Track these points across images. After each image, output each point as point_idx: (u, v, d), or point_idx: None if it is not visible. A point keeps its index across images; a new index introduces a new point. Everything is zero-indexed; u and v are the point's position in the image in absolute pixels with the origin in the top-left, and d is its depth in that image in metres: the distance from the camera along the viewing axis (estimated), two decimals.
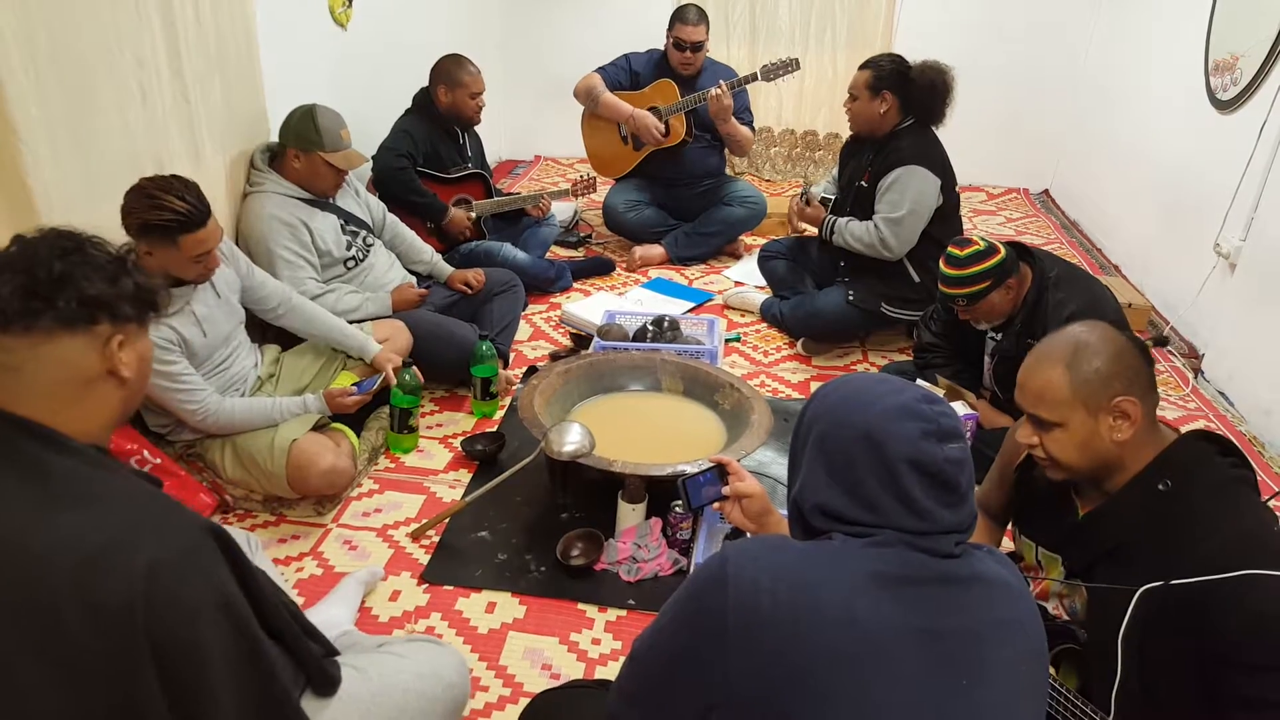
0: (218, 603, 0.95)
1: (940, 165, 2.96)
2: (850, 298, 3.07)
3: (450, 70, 3.30)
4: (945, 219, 2.98)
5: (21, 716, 0.88)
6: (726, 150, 4.06)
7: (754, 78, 3.66)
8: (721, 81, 3.62)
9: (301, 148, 2.53)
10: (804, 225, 3.26)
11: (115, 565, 0.89)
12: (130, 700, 0.89)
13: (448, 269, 3.06)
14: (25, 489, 0.92)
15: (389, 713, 1.28)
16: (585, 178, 3.90)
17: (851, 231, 3.05)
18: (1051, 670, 1.37)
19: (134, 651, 0.88)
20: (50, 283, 0.97)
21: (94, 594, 0.87)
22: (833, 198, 3.30)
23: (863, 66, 2.98)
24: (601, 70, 3.87)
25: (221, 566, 0.98)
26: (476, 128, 3.55)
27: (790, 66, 3.66)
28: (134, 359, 1.04)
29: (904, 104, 2.95)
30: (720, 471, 1.47)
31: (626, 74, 3.87)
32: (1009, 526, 1.72)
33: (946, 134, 3.01)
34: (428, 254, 3.06)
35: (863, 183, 3.05)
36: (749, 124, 3.86)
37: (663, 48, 3.83)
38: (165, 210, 1.88)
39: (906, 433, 0.97)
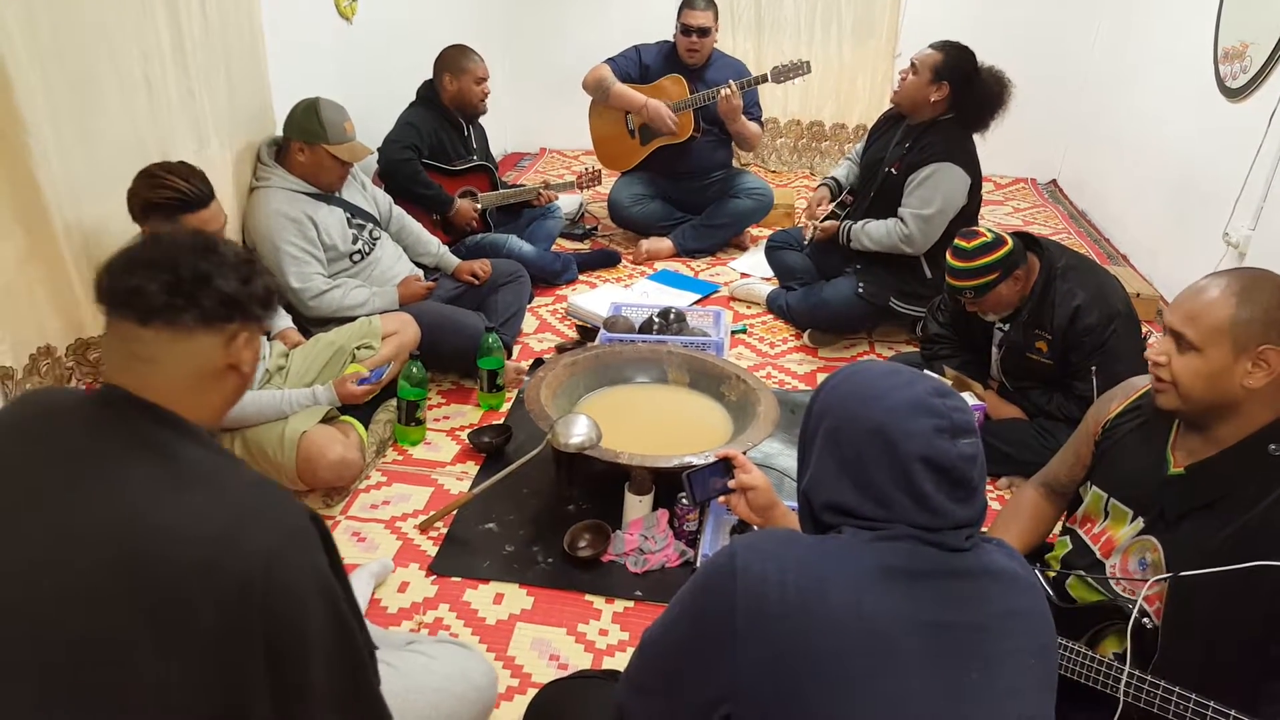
0: (320, 588, 0.98)
1: (972, 165, 2.94)
2: (860, 290, 3.05)
3: (454, 58, 3.30)
4: (966, 220, 2.95)
5: (136, 689, 0.90)
6: (733, 144, 4.05)
7: (764, 79, 3.65)
8: (731, 82, 3.60)
9: (306, 141, 2.53)
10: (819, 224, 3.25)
11: (238, 547, 0.92)
12: (237, 679, 0.92)
13: (454, 261, 3.06)
14: (155, 470, 0.96)
15: (421, 710, 1.30)
16: (590, 170, 3.89)
17: (869, 234, 3.04)
18: (1085, 647, 1.37)
19: (248, 631, 0.91)
20: (194, 281, 1.00)
21: (216, 573, 0.90)
22: (850, 185, 3.30)
23: (935, 46, 2.91)
24: (611, 61, 3.83)
25: (321, 553, 1.01)
26: (481, 120, 3.54)
27: (801, 69, 3.64)
28: (252, 355, 1.09)
29: (955, 100, 2.91)
30: (726, 464, 1.46)
31: (636, 66, 3.84)
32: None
33: None
34: (434, 246, 3.06)
35: (892, 170, 3.03)
36: (757, 119, 3.84)
37: (672, 39, 3.80)
38: (166, 189, 1.92)
39: (920, 430, 0.95)
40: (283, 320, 2.52)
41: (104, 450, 0.97)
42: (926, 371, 2.37)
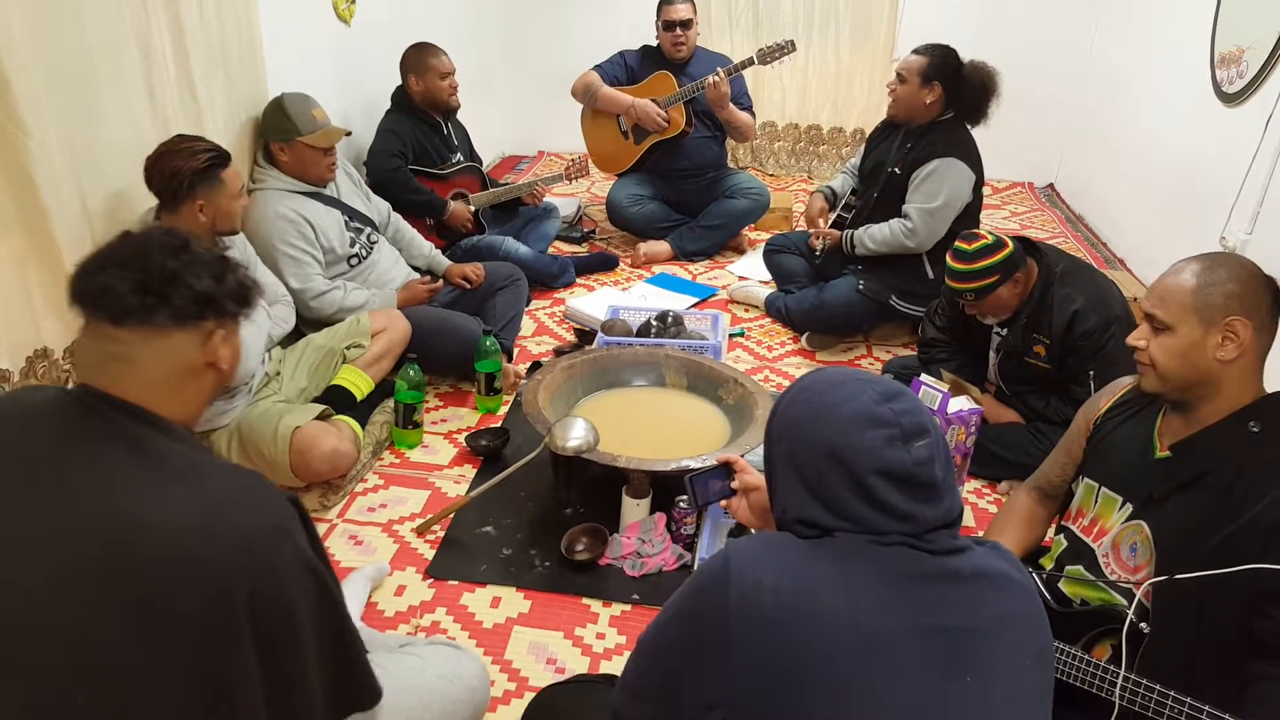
0: (305, 566, 1.00)
1: (975, 161, 2.95)
2: (860, 287, 3.06)
3: (415, 59, 3.28)
4: (969, 218, 2.96)
5: (126, 680, 0.91)
6: (729, 142, 4.05)
7: (750, 62, 3.65)
8: (719, 69, 3.62)
9: (281, 139, 2.54)
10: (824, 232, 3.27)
11: (218, 534, 0.93)
12: (223, 664, 0.93)
13: (445, 263, 3.06)
14: (136, 464, 0.97)
15: (413, 711, 1.29)
16: (578, 160, 3.89)
17: (872, 236, 3.05)
18: (1079, 651, 1.37)
19: (233, 619, 0.93)
20: (164, 280, 1.01)
21: (195, 564, 0.92)
22: (849, 189, 3.31)
23: (917, 52, 2.95)
24: (598, 68, 3.87)
25: (302, 532, 1.02)
26: (463, 118, 3.53)
27: (786, 49, 3.65)
28: (229, 352, 1.10)
29: (949, 98, 2.93)
30: (727, 468, 1.46)
31: (623, 69, 3.87)
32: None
33: None
34: (426, 248, 3.06)
35: (895, 170, 3.04)
36: (748, 109, 3.85)
37: (655, 41, 3.83)
38: (203, 151, 2.03)
39: (870, 444, 0.95)
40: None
41: (83, 448, 0.97)
42: (923, 376, 2.39)
